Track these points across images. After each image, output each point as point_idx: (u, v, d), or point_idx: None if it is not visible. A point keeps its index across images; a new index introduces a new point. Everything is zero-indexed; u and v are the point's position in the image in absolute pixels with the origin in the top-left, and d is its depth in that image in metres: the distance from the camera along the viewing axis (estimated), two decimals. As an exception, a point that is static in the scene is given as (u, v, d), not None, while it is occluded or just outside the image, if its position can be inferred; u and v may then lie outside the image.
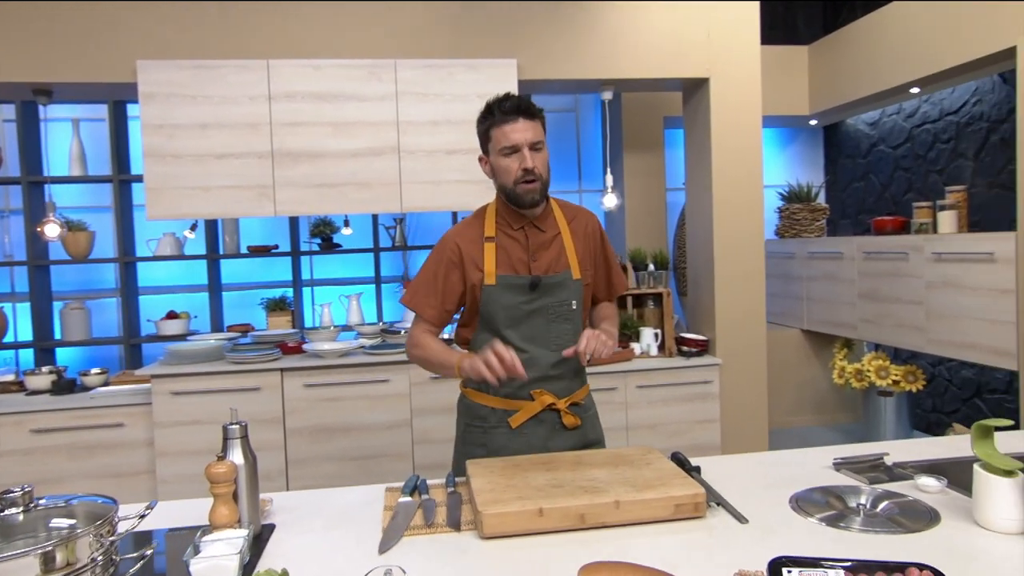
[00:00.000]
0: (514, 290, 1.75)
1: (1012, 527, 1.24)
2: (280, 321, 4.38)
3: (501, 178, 1.74)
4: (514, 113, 1.68)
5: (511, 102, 1.70)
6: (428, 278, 1.81)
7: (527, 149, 1.68)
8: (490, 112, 1.73)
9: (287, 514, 1.48)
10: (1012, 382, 4.02)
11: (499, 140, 1.70)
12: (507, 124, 1.68)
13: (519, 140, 1.68)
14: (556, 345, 1.78)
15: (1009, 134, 3.91)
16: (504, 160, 1.71)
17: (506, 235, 1.78)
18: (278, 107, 3.37)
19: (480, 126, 1.77)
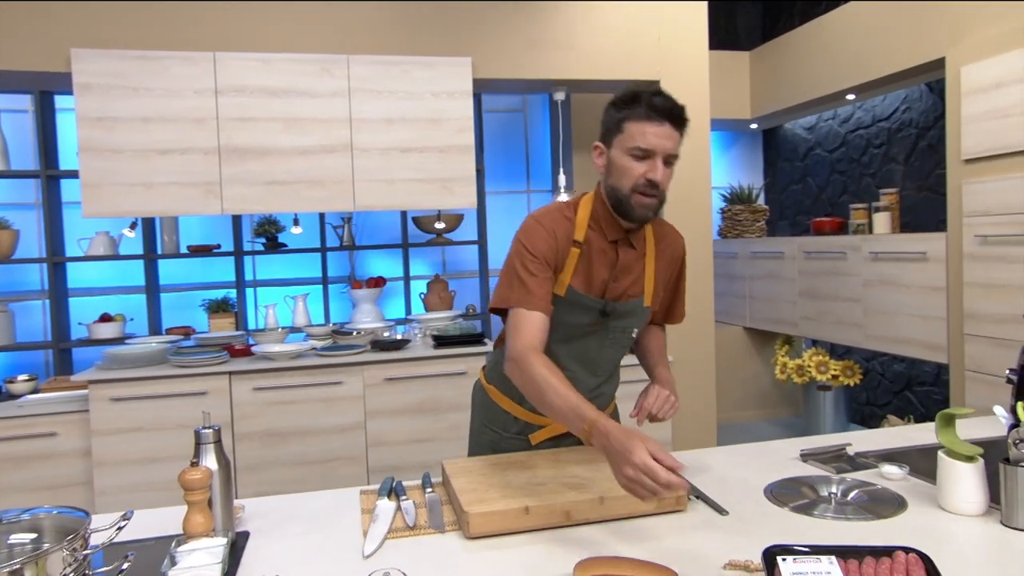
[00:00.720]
0: (581, 309, 1.58)
1: (974, 509, 1.31)
2: (223, 323, 4.24)
3: (617, 179, 1.49)
4: (664, 115, 1.43)
5: (665, 100, 1.45)
6: (518, 272, 1.51)
7: (661, 159, 1.45)
8: (634, 101, 1.46)
9: (260, 520, 1.43)
10: (940, 375, 4.24)
11: (633, 136, 1.45)
12: (651, 123, 1.43)
13: (657, 146, 1.44)
14: (603, 370, 1.67)
15: (936, 140, 4.13)
16: (629, 161, 1.46)
17: (595, 244, 1.56)
18: (225, 101, 3.25)
19: (614, 111, 1.50)
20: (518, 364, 1.43)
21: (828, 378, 4.33)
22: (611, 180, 1.52)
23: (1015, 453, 1.27)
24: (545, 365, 1.40)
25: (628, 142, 1.46)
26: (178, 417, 3.18)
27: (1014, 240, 2.98)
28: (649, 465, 1.14)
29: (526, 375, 1.41)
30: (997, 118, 3.04)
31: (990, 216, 3.09)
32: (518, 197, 5.16)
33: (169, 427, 3.17)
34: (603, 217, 1.56)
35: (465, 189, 3.54)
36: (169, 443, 3.17)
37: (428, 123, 3.47)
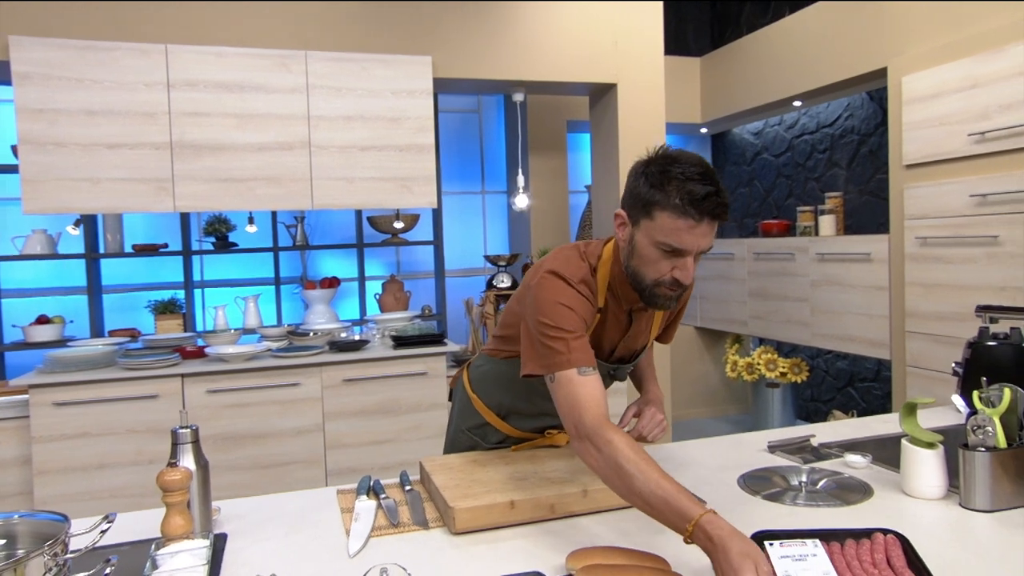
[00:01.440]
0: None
1: (935, 493, 1.38)
2: (170, 325, 4.11)
3: (640, 265, 1.33)
4: (701, 213, 1.24)
5: (705, 189, 1.22)
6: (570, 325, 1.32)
7: (692, 258, 1.29)
8: (668, 184, 1.24)
9: (237, 522, 1.40)
10: (879, 371, 4.43)
11: (664, 231, 1.26)
12: (686, 220, 1.24)
13: (690, 246, 1.27)
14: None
15: (876, 146, 4.32)
16: (655, 253, 1.29)
17: (611, 309, 1.45)
18: (178, 96, 3.16)
19: (644, 188, 1.28)
20: (593, 443, 1.21)
21: (777, 375, 4.47)
22: (633, 262, 1.34)
23: (973, 439, 1.34)
24: (630, 446, 1.17)
25: (657, 234, 1.27)
26: (127, 422, 3.06)
27: (951, 242, 3.14)
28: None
29: (609, 460, 1.17)
30: (936, 126, 3.20)
31: (929, 219, 3.25)
32: (473, 198, 5.16)
33: (118, 432, 3.05)
34: (620, 284, 1.41)
35: (425, 188, 3.52)
36: (117, 448, 3.05)
37: (388, 121, 3.44)
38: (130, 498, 3.09)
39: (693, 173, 1.24)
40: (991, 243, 2.97)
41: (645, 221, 1.29)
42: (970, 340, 2.04)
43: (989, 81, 2.97)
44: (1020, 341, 1.96)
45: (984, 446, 1.32)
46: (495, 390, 1.64)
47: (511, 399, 1.63)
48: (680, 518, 1.07)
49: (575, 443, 1.26)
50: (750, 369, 4.58)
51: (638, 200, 1.30)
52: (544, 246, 4.74)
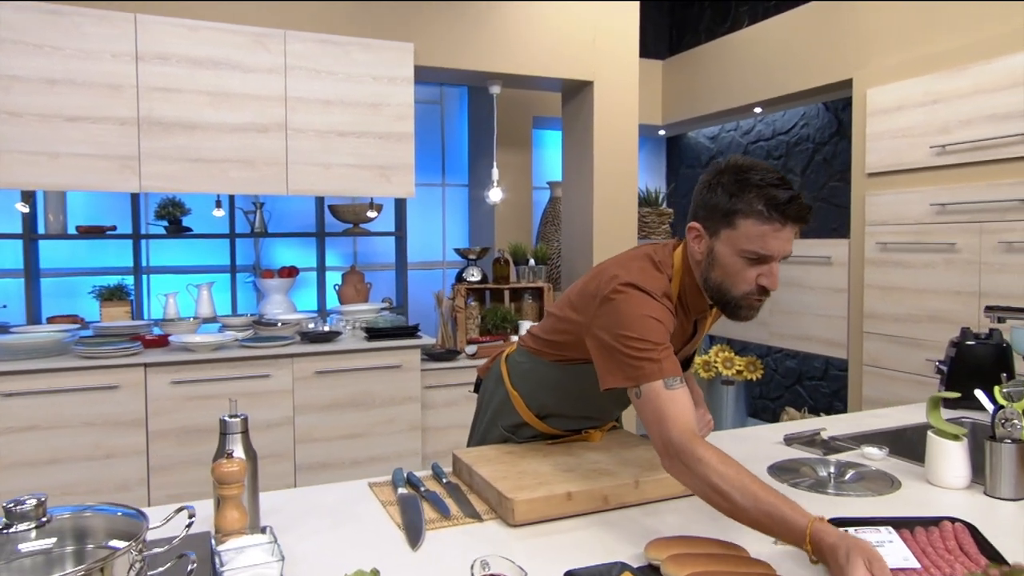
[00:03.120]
0: None
1: (960, 483, 1.45)
2: (117, 312, 3.88)
3: (723, 278, 1.31)
4: (786, 218, 1.24)
5: (787, 201, 1.23)
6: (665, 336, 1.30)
7: (776, 263, 1.29)
8: (749, 190, 1.25)
9: (275, 516, 1.33)
10: (828, 370, 4.64)
11: (750, 239, 1.26)
12: (771, 225, 1.24)
13: (777, 252, 1.27)
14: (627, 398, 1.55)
15: (830, 155, 4.51)
16: (740, 263, 1.28)
17: (679, 321, 1.43)
18: (147, 69, 2.98)
19: (721, 197, 1.28)
20: (684, 462, 1.18)
21: (733, 373, 4.62)
22: (714, 275, 1.32)
23: (1001, 432, 1.42)
24: (721, 462, 1.15)
25: (742, 243, 1.26)
26: (84, 414, 2.87)
27: (911, 248, 3.32)
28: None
29: (703, 480, 1.15)
30: (899, 137, 3.37)
31: (890, 225, 3.42)
32: (433, 190, 5.10)
33: (73, 425, 2.86)
34: (691, 293, 1.40)
35: (403, 178, 3.46)
36: (71, 442, 2.86)
37: (368, 107, 3.35)
38: (84, 495, 2.90)
39: (772, 179, 1.25)
40: (949, 250, 3.15)
41: (726, 231, 1.28)
42: (953, 340, 2.17)
43: (950, 97, 3.15)
44: (1000, 341, 2.09)
45: (1011, 438, 1.39)
46: (539, 391, 1.59)
47: (556, 402, 1.58)
48: (790, 532, 1.06)
49: (664, 460, 1.23)
50: (707, 366, 4.71)
51: (716, 211, 1.29)
52: (507, 241, 4.74)
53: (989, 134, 2.99)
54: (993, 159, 2.99)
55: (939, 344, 3.21)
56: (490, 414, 1.70)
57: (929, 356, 3.24)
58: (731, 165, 1.30)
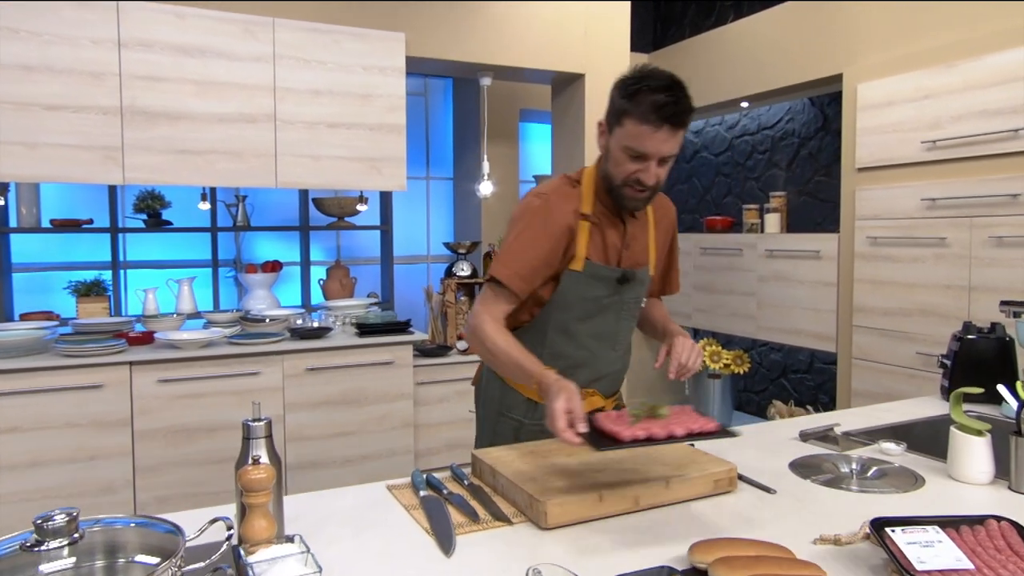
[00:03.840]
0: (601, 282, 1.57)
1: (984, 478, 1.45)
2: (94, 308, 3.76)
3: (612, 167, 1.50)
4: (665, 119, 1.39)
5: (661, 104, 1.38)
6: (528, 247, 1.52)
7: (655, 162, 1.44)
8: (633, 96, 1.41)
9: (295, 523, 1.28)
10: (812, 363, 4.68)
11: (630, 137, 1.42)
12: (649, 126, 1.39)
13: (652, 151, 1.42)
14: (620, 344, 1.68)
15: (816, 150, 4.55)
16: (623, 156, 1.45)
17: (602, 216, 1.57)
18: (130, 56, 2.87)
19: (618, 97, 1.45)
20: (473, 331, 1.54)
21: (721, 367, 4.64)
22: (608, 165, 1.52)
23: (1026, 427, 1.42)
24: (497, 331, 1.50)
25: (624, 139, 1.44)
26: (67, 414, 2.77)
27: (901, 242, 3.35)
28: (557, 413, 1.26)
29: (482, 341, 1.51)
30: (889, 133, 3.40)
31: (880, 220, 3.45)
32: (417, 183, 5.02)
33: (55, 426, 2.76)
34: (605, 191, 1.56)
35: (395, 170, 3.39)
36: (53, 444, 2.76)
37: (358, 98, 3.28)
38: (66, 499, 2.79)
39: (659, 85, 1.40)
40: (939, 244, 3.19)
41: (617, 129, 1.46)
42: (955, 334, 2.18)
43: (941, 93, 3.18)
44: (1003, 335, 2.11)
45: (1036, 433, 1.40)
46: None
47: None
48: (529, 376, 1.41)
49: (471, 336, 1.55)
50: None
51: (613, 110, 1.47)
52: (498, 235, 4.69)
53: (980, 130, 3.02)
54: (983, 155, 3.03)
55: (929, 338, 3.25)
56: (495, 408, 1.71)
57: (919, 349, 3.28)
58: (635, 71, 1.46)
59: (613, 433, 1.24)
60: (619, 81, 1.47)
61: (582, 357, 1.63)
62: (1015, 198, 2.91)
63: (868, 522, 1.12)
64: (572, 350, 1.62)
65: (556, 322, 1.60)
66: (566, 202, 1.55)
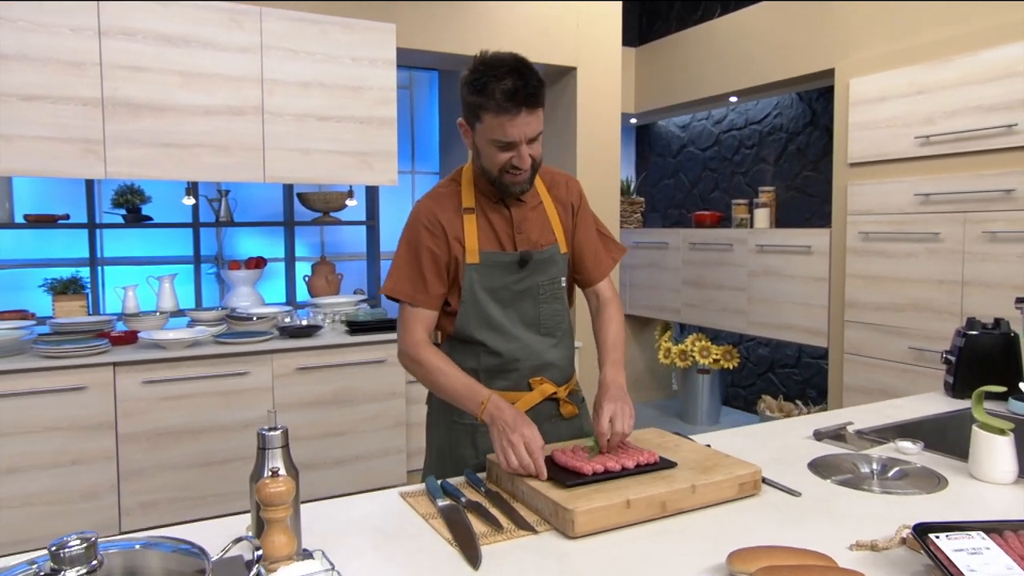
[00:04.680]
0: (501, 268, 1.57)
1: (1008, 478, 1.44)
2: (72, 307, 3.63)
3: (485, 162, 1.50)
4: (518, 103, 1.39)
5: (512, 90, 1.37)
6: (409, 259, 1.57)
7: (524, 145, 1.44)
8: (483, 90, 1.40)
9: (310, 535, 1.22)
10: (800, 358, 4.70)
11: (491, 130, 1.42)
12: (506, 115, 1.39)
13: (516, 136, 1.42)
14: (547, 329, 1.64)
15: (804, 145, 4.55)
16: (492, 149, 1.45)
17: (486, 206, 1.58)
18: (112, 45, 2.76)
19: (469, 95, 1.44)
20: (412, 359, 1.55)
21: (710, 362, 4.63)
22: (480, 161, 1.52)
23: (1050, 425, 1.40)
24: (435, 354, 1.53)
25: (487, 133, 1.44)
26: (47, 418, 2.67)
27: (892, 237, 3.36)
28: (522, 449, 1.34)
29: (422, 367, 1.53)
30: (882, 128, 3.40)
31: (872, 215, 3.45)
32: (402, 178, 4.94)
33: (34, 430, 2.66)
34: (483, 182, 1.56)
35: (386, 165, 3.32)
36: (32, 449, 2.66)
37: (348, 91, 3.19)
38: (46, 506, 2.70)
39: (503, 73, 1.39)
40: (932, 239, 3.20)
41: (477, 125, 1.45)
42: (960, 329, 2.18)
43: (935, 89, 3.18)
44: (1008, 331, 2.11)
45: (1062, 432, 1.38)
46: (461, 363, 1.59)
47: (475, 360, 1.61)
48: (474, 405, 1.44)
49: (401, 358, 1.59)
50: (683, 355, 4.71)
51: (468, 108, 1.46)
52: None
53: (974, 125, 3.03)
54: (977, 150, 3.04)
55: (922, 333, 3.26)
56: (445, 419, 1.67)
57: (912, 344, 3.29)
58: (477, 64, 1.44)
59: (575, 468, 1.31)
60: (464, 78, 1.46)
61: (516, 348, 1.60)
62: (1009, 193, 2.92)
63: (906, 526, 1.09)
64: (503, 342, 1.60)
65: (476, 318, 1.58)
66: (443, 202, 1.58)
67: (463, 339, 1.62)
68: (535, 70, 1.45)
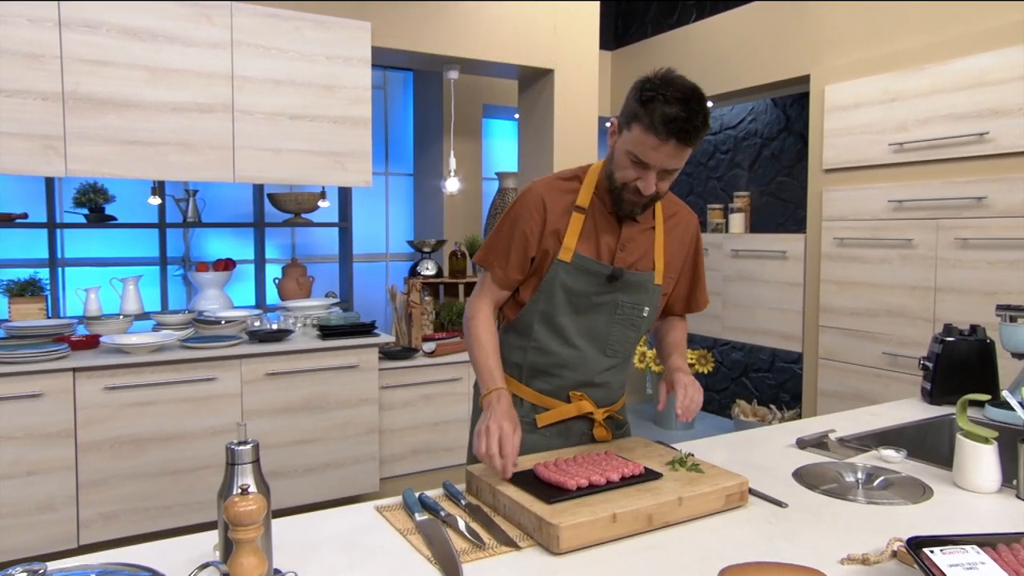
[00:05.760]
0: (589, 276, 1.53)
1: (992, 487, 1.42)
2: (30, 310, 3.49)
3: (613, 168, 1.46)
4: (672, 133, 1.34)
5: (672, 117, 1.32)
6: (504, 235, 1.56)
7: (655, 173, 1.41)
8: (648, 103, 1.35)
9: (280, 553, 1.16)
10: (774, 362, 4.72)
11: (635, 143, 1.38)
12: (655, 137, 1.35)
13: (654, 163, 1.38)
14: (612, 350, 1.59)
15: (778, 150, 4.58)
16: (627, 160, 1.42)
17: (598, 212, 1.54)
18: (73, 38, 2.66)
19: (633, 101, 1.40)
20: (467, 320, 1.58)
21: (685, 366, 4.62)
22: (611, 165, 1.49)
23: (1035, 434, 1.39)
24: (486, 327, 1.56)
25: (630, 144, 1.40)
26: (1, 426, 2.55)
27: (868, 243, 3.38)
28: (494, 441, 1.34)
29: (470, 332, 1.56)
30: (857, 134, 3.42)
31: (847, 221, 3.47)
32: (375, 179, 4.87)
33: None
34: (606, 187, 1.53)
35: (360, 165, 3.25)
36: (-13, 459, 2.54)
37: (321, 89, 3.12)
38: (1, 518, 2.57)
39: (675, 97, 1.34)
40: (905, 245, 3.22)
41: (626, 132, 1.42)
42: (937, 336, 2.18)
43: (908, 96, 3.21)
44: (984, 338, 2.12)
45: (1045, 441, 1.37)
46: (508, 354, 1.63)
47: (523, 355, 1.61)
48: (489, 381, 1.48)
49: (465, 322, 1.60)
50: (658, 360, 4.70)
51: (627, 112, 1.43)
52: (455, 233, 4.58)
53: (946, 133, 3.06)
54: (950, 157, 3.07)
55: (895, 338, 3.29)
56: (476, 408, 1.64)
57: (885, 349, 3.31)
58: (658, 76, 1.40)
59: (559, 483, 1.27)
60: (639, 82, 1.41)
61: (569, 356, 1.56)
62: (980, 201, 2.95)
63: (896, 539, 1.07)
64: (558, 347, 1.57)
65: (542, 315, 1.56)
66: (556, 194, 1.55)
67: (520, 330, 1.60)
68: (706, 110, 1.38)
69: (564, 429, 1.61)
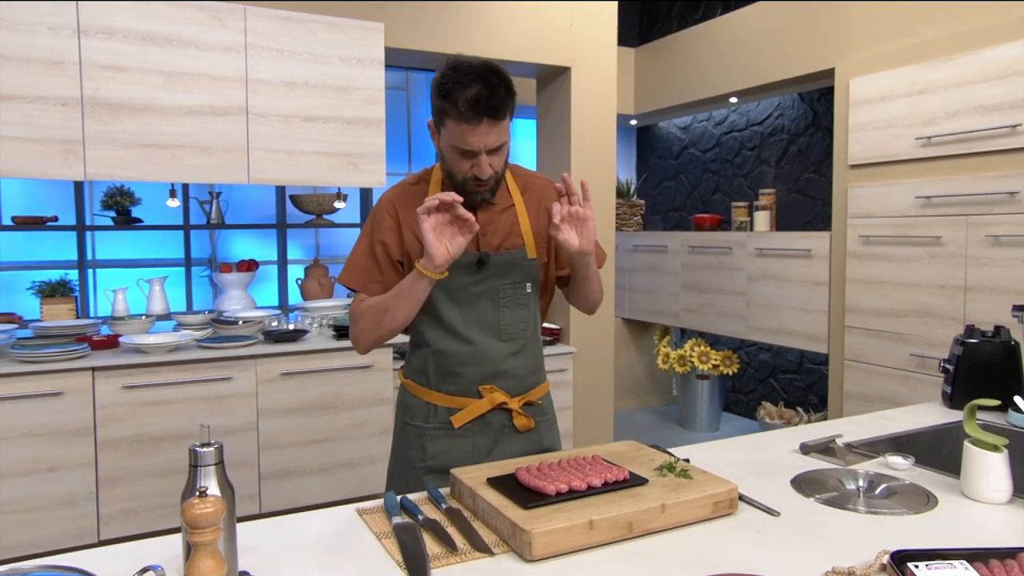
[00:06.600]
0: (458, 267, 1.51)
1: (1001, 497, 1.35)
2: (60, 310, 3.59)
3: (448, 166, 1.49)
4: (480, 113, 1.36)
5: (475, 99, 1.34)
6: (366, 250, 1.58)
7: (484, 155, 1.42)
8: (448, 96, 1.37)
9: (252, 557, 1.15)
10: (802, 363, 4.61)
11: (454, 136, 1.41)
12: (467, 124, 1.37)
13: (476, 146, 1.40)
14: (508, 335, 1.58)
15: (806, 146, 4.46)
16: (454, 155, 1.44)
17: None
18: (91, 44, 2.72)
19: (436, 99, 1.42)
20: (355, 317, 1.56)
21: (709, 368, 4.55)
22: (445, 165, 1.51)
23: (1046, 442, 1.32)
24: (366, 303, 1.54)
25: (450, 139, 1.43)
26: (22, 424, 2.62)
27: (895, 241, 3.27)
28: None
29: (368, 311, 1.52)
30: (883, 128, 3.31)
31: (873, 218, 3.36)
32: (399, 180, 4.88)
33: (9, 436, 2.61)
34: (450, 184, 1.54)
35: (374, 166, 3.26)
36: (6, 455, 2.61)
37: (335, 91, 3.14)
38: (19, 514, 2.64)
39: (469, 80, 1.36)
40: (934, 243, 3.10)
41: (443, 129, 1.44)
42: (959, 337, 2.09)
43: (936, 88, 3.09)
44: (1008, 339, 2.02)
45: (1058, 449, 1.30)
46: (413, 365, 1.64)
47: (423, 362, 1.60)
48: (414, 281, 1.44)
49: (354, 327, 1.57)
50: (682, 361, 4.63)
51: (435, 112, 1.44)
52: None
53: (976, 126, 2.94)
54: (980, 151, 2.95)
55: (924, 339, 3.17)
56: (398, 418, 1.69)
57: (913, 351, 3.20)
58: (444, 67, 1.41)
59: (538, 488, 1.24)
60: (433, 80, 1.43)
61: (467, 351, 1.56)
62: (1012, 196, 2.83)
63: (884, 553, 1.01)
64: (453, 344, 1.57)
65: (429, 317, 1.57)
66: (406, 198, 1.57)
67: (415, 340, 1.62)
68: (505, 79, 1.40)
69: (483, 425, 1.59)
